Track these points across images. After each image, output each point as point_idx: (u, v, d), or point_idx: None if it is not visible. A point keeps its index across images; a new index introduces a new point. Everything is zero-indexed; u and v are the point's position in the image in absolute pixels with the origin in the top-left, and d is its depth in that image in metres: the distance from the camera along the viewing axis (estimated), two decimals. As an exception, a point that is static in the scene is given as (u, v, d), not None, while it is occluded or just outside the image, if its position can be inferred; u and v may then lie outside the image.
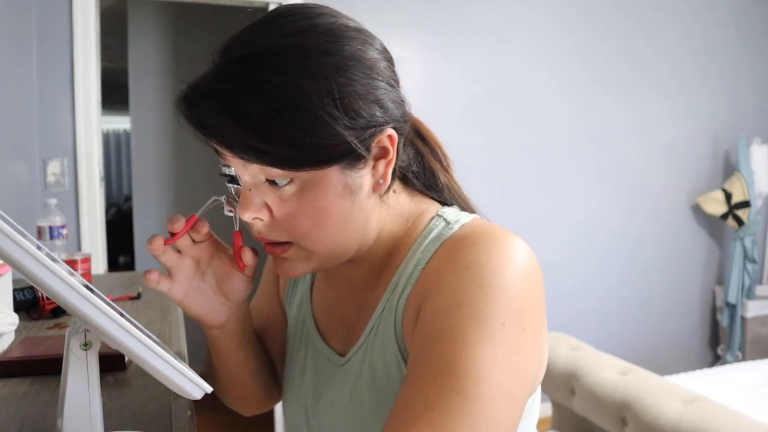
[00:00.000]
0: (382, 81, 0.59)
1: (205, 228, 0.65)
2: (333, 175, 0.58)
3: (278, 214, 0.59)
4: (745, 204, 3.12)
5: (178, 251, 0.65)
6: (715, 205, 3.18)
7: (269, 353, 0.83)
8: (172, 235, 0.63)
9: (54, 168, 2.31)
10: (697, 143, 3.28)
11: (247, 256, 0.65)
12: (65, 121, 2.32)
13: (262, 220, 0.60)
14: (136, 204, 3.74)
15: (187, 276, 0.66)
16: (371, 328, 0.66)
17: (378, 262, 0.68)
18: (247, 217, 0.59)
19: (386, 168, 0.61)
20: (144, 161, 3.67)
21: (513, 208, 2.90)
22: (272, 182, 0.58)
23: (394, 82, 0.62)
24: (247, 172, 0.58)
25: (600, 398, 1.71)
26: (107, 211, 5.12)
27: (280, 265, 0.64)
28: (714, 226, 3.37)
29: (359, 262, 0.68)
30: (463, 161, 0.84)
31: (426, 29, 2.74)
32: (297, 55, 0.55)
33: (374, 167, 0.61)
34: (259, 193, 0.59)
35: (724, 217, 3.18)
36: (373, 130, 0.58)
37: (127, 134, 7.64)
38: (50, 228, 1.41)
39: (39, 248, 0.49)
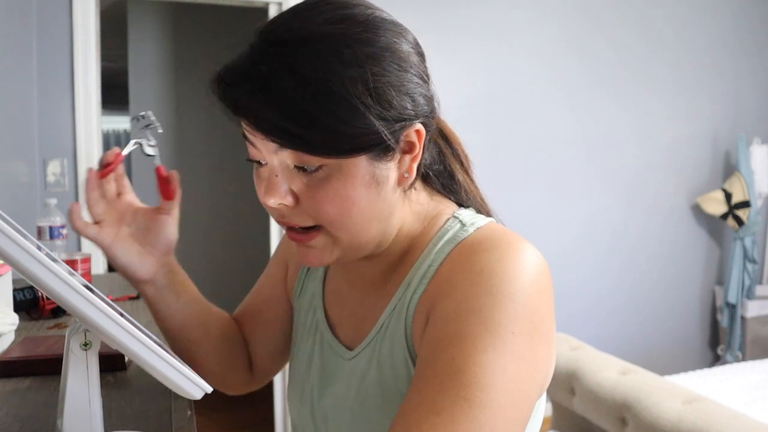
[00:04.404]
0: (413, 74, 0.60)
1: (121, 168, 0.72)
2: (361, 164, 0.58)
3: (304, 200, 0.59)
4: (745, 204, 3.12)
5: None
6: (715, 205, 3.18)
7: (252, 333, 0.85)
8: (107, 166, 0.70)
9: (54, 168, 2.31)
10: (697, 143, 3.28)
11: (173, 178, 0.71)
12: (65, 121, 2.32)
13: (286, 205, 0.60)
14: (136, 204, 3.73)
15: (113, 224, 0.71)
16: (381, 326, 0.66)
17: (393, 260, 0.68)
18: (272, 202, 0.59)
19: (411, 163, 0.62)
20: (144, 161, 3.66)
21: (513, 208, 2.89)
22: (301, 168, 0.58)
23: (425, 77, 0.63)
24: (277, 157, 0.58)
25: (600, 398, 1.71)
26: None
27: (306, 254, 0.63)
28: (714, 226, 3.37)
29: (376, 258, 0.68)
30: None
31: (426, 29, 2.74)
32: (334, 42, 0.55)
33: (400, 161, 0.61)
34: (286, 178, 0.59)
35: (724, 217, 3.18)
36: (403, 123, 0.59)
37: (127, 134, 7.64)
38: (50, 228, 1.41)
39: (39, 248, 0.49)
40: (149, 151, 0.74)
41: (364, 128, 0.56)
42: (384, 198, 0.61)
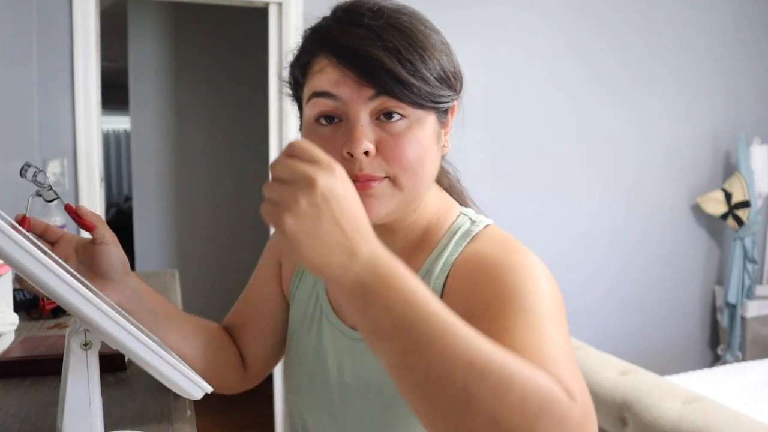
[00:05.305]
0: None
1: (39, 223, 0.70)
2: (432, 121, 0.67)
3: (385, 149, 0.64)
4: (745, 204, 3.12)
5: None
6: (715, 205, 3.18)
7: (247, 331, 0.87)
8: None
9: (54, 168, 2.31)
10: (697, 143, 3.28)
11: (83, 210, 0.71)
12: (65, 121, 2.32)
13: (366, 155, 0.64)
14: (136, 204, 3.74)
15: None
16: None
17: (409, 243, 0.73)
18: (359, 149, 0.62)
19: (445, 136, 0.71)
20: (144, 161, 3.67)
21: (512, 208, 2.90)
22: (386, 117, 0.64)
23: None
24: (365, 107, 0.63)
25: (600, 398, 1.71)
26: (107, 211, 5.12)
27: (367, 204, 0.64)
28: (714, 226, 3.37)
29: (396, 233, 0.72)
30: (462, 161, 0.86)
31: (426, 29, 2.74)
32: (419, 15, 0.68)
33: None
34: (370, 129, 0.64)
35: (724, 217, 3.18)
36: (456, 95, 0.70)
37: (127, 134, 7.64)
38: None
39: (39, 248, 0.49)
40: (49, 195, 0.73)
41: (444, 88, 0.66)
42: (438, 158, 0.70)
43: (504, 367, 0.45)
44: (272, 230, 2.67)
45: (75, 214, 0.71)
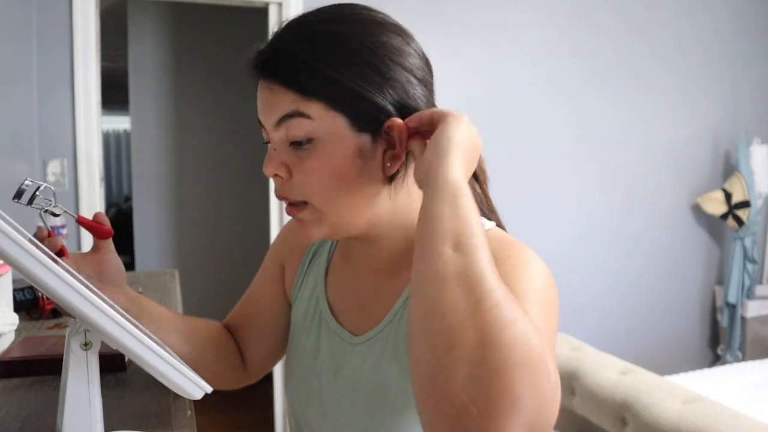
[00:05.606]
0: (406, 71, 0.66)
1: (53, 239, 0.71)
2: (346, 136, 0.63)
3: (295, 173, 0.65)
4: (745, 204, 3.12)
5: None
6: (715, 205, 3.18)
7: (248, 331, 0.88)
8: None
9: (54, 168, 2.31)
10: (697, 143, 3.28)
11: (101, 217, 0.73)
12: (65, 121, 2.32)
13: (281, 177, 0.67)
14: (136, 204, 3.74)
15: None
16: (395, 314, 0.71)
17: (396, 250, 0.72)
18: (267, 172, 0.67)
19: (393, 160, 0.66)
20: (144, 161, 3.67)
21: (512, 209, 2.89)
22: (294, 144, 0.65)
23: (426, 83, 0.70)
24: (277, 134, 0.65)
25: (600, 398, 1.71)
26: (107, 211, 5.11)
27: (299, 228, 0.69)
28: (714, 226, 3.37)
29: (377, 243, 0.72)
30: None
31: (425, 30, 2.73)
32: (359, 27, 0.65)
33: (385, 152, 0.66)
34: (282, 153, 0.66)
35: (724, 217, 3.18)
36: (379, 104, 0.63)
37: (127, 134, 7.64)
38: (50, 228, 1.40)
39: (39, 248, 0.49)
40: (56, 211, 0.73)
41: (349, 86, 0.62)
42: (368, 175, 0.65)
43: (508, 296, 0.49)
44: (274, 231, 2.67)
45: (90, 223, 0.73)
